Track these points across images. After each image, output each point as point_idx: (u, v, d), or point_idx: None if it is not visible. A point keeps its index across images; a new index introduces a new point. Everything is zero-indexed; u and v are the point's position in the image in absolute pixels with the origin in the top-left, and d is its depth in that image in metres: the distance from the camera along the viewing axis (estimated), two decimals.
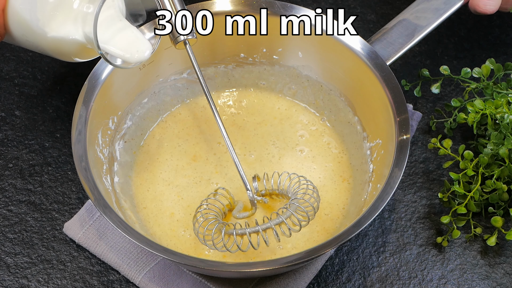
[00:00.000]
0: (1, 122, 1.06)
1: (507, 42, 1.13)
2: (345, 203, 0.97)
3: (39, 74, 1.09)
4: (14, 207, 0.99)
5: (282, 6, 1.00)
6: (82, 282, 0.95)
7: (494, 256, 0.98)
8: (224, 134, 0.92)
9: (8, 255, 0.97)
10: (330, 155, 1.00)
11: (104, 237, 0.96)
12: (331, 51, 1.00)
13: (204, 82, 0.93)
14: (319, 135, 1.02)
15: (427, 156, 1.04)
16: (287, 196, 0.94)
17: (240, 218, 0.93)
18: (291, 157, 1.00)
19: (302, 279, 0.95)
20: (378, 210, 0.87)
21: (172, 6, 0.93)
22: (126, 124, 1.00)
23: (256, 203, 0.93)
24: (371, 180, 0.95)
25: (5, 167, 1.02)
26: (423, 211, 1.00)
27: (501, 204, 0.98)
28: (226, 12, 1.00)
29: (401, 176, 0.89)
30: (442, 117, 1.07)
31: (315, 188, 0.92)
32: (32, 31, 0.89)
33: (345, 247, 0.98)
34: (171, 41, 0.94)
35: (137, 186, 0.98)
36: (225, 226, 0.90)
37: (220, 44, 1.02)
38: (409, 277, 0.96)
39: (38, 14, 0.88)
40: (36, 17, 0.88)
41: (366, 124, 0.99)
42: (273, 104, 1.05)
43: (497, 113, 0.97)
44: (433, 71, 1.10)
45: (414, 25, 0.99)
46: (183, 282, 0.94)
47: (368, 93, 0.98)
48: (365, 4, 1.17)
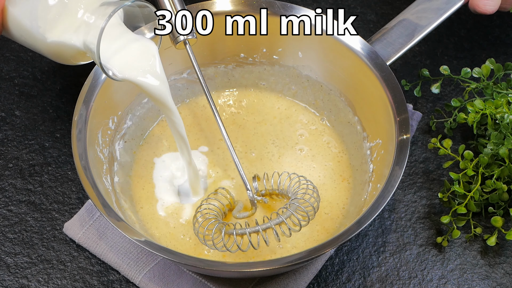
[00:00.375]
0: (1, 122, 1.06)
1: (507, 42, 1.13)
2: (345, 202, 0.97)
3: (39, 74, 1.10)
4: (14, 207, 0.99)
5: (282, 6, 1.00)
6: (82, 282, 0.95)
7: (494, 256, 0.98)
8: (224, 134, 0.92)
9: (8, 255, 0.97)
10: (329, 154, 1.01)
11: (104, 237, 0.96)
12: (331, 51, 1.00)
13: (204, 81, 0.93)
14: (319, 134, 1.02)
15: (427, 156, 1.04)
16: (287, 196, 0.94)
17: (240, 218, 0.93)
18: (290, 156, 1.00)
19: (302, 279, 0.95)
20: (378, 210, 0.87)
21: (172, 6, 0.93)
22: (126, 124, 1.00)
23: (256, 203, 0.93)
24: (371, 180, 0.95)
25: (5, 167, 1.02)
26: (423, 211, 1.00)
27: (501, 204, 0.98)
28: (226, 12, 1.00)
29: (401, 176, 0.89)
30: (442, 117, 1.07)
31: (315, 188, 0.92)
32: (32, 35, 0.88)
33: (345, 247, 0.98)
34: (171, 41, 0.94)
35: (137, 186, 0.98)
36: (225, 226, 0.90)
37: (220, 44, 1.02)
38: (409, 277, 0.96)
39: (39, 22, 0.87)
40: (36, 24, 0.87)
41: (366, 124, 0.99)
42: (273, 104, 1.05)
43: (497, 113, 0.97)
44: (433, 71, 1.10)
45: (414, 25, 0.99)
46: (183, 282, 0.94)
47: (368, 93, 0.98)
48: (365, 4, 1.17)
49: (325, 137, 1.02)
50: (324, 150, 1.01)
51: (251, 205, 0.93)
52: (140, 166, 1.00)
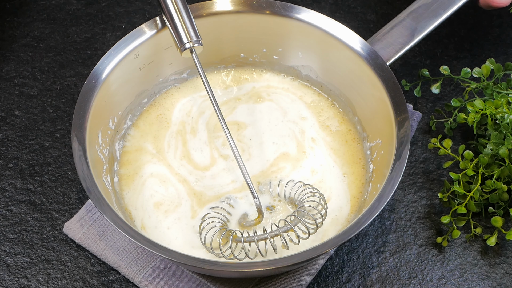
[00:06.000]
0: (1, 122, 1.06)
1: (507, 42, 1.13)
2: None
3: (39, 74, 1.10)
4: (14, 207, 0.99)
5: (282, 6, 1.00)
6: (82, 282, 0.95)
7: (494, 256, 0.98)
8: (230, 141, 0.92)
9: (8, 255, 0.97)
10: (329, 154, 1.00)
11: (104, 237, 0.96)
12: (331, 51, 1.00)
13: (210, 89, 0.93)
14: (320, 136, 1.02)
15: (427, 156, 1.04)
16: (294, 204, 0.94)
17: (247, 226, 0.93)
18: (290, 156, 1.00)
19: (302, 279, 0.95)
20: (378, 210, 0.87)
21: (176, 9, 0.94)
22: (126, 124, 1.00)
23: (263, 211, 0.93)
24: (371, 180, 0.95)
25: (5, 167, 1.02)
26: (423, 211, 1.00)
27: (501, 204, 0.98)
28: (226, 12, 1.00)
29: (401, 176, 0.89)
30: (442, 117, 1.07)
31: (322, 196, 0.92)
32: None
33: (345, 247, 0.98)
34: (177, 49, 0.94)
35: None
36: (232, 233, 0.90)
37: (220, 44, 1.02)
38: (409, 277, 0.96)
39: None
40: None
41: (366, 124, 0.99)
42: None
43: (497, 113, 0.97)
44: (433, 71, 1.10)
45: (414, 25, 0.99)
46: (183, 282, 0.94)
47: (368, 93, 0.98)
48: (365, 4, 1.17)
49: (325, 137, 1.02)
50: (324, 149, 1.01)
51: (258, 213, 0.93)
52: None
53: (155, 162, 0.98)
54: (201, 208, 0.95)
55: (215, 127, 1.01)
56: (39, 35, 1.13)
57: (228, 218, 0.94)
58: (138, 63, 0.98)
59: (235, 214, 0.94)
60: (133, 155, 0.98)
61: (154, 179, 0.97)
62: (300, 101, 1.03)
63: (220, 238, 0.90)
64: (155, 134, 1.00)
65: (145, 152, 0.99)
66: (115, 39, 1.12)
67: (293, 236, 0.91)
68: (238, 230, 0.92)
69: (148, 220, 0.94)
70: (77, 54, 1.11)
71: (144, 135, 1.00)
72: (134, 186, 0.96)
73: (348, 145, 1.00)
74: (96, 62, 0.96)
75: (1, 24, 1.13)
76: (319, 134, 1.01)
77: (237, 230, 0.92)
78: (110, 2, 1.16)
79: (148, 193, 0.96)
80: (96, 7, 1.15)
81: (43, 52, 1.11)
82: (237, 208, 0.95)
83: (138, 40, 0.97)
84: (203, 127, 1.01)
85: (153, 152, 0.99)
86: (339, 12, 1.16)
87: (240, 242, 0.89)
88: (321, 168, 0.98)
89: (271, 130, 1.01)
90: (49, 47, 1.12)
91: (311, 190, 0.93)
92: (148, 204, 0.95)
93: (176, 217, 0.94)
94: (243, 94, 1.04)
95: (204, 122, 1.01)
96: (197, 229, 0.93)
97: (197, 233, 0.93)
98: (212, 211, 0.93)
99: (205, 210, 0.94)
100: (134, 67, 0.98)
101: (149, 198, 0.95)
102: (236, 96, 1.03)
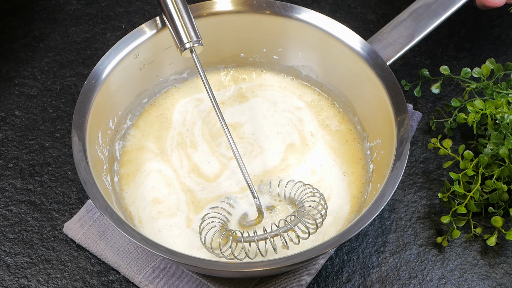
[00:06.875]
0: (1, 122, 1.06)
1: (507, 42, 1.13)
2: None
3: (39, 74, 1.10)
4: (14, 207, 0.99)
5: (282, 6, 1.00)
6: (82, 282, 0.95)
7: (494, 256, 0.98)
8: (231, 143, 0.92)
9: (8, 255, 0.96)
10: (329, 154, 1.00)
11: (104, 237, 0.96)
12: (331, 51, 1.00)
13: (210, 89, 0.93)
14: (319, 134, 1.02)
15: (427, 156, 1.04)
16: (294, 204, 0.94)
17: (247, 226, 0.93)
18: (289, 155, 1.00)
19: (302, 279, 0.95)
20: (378, 210, 0.87)
21: (176, 9, 0.94)
22: (126, 124, 1.00)
23: (263, 211, 0.93)
24: (371, 180, 0.95)
25: (5, 167, 1.02)
26: (423, 211, 1.00)
27: (501, 204, 0.98)
28: (226, 12, 1.00)
29: (401, 176, 0.89)
30: (442, 117, 1.07)
31: (322, 196, 0.92)
32: None
33: (345, 247, 0.98)
34: (177, 49, 0.94)
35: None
36: (232, 233, 0.90)
37: (220, 44, 1.02)
38: (409, 277, 0.96)
39: None
40: None
41: (366, 124, 0.99)
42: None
43: (497, 113, 0.97)
44: (433, 71, 1.10)
45: (414, 25, 0.99)
46: (183, 282, 0.94)
47: (368, 93, 0.98)
48: (365, 4, 1.17)
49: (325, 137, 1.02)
50: (324, 149, 1.01)
51: (258, 213, 0.93)
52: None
53: (158, 161, 0.98)
54: (197, 215, 0.95)
55: (217, 134, 1.00)
56: (39, 35, 1.13)
57: (228, 218, 0.94)
58: (138, 63, 0.98)
59: (235, 214, 0.95)
60: (134, 154, 0.98)
61: (158, 177, 0.97)
62: (298, 99, 1.03)
63: (220, 238, 0.90)
64: (157, 134, 1.00)
65: (147, 151, 0.99)
66: (115, 39, 1.12)
67: (293, 236, 0.91)
68: (238, 230, 0.92)
69: (143, 212, 0.94)
70: (77, 54, 1.11)
71: (146, 135, 1.00)
72: (135, 182, 0.96)
73: (348, 145, 1.00)
74: (96, 62, 0.96)
75: (1, 24, 1.13)
76: (319, 132, 1.01)
77: (237, 230, 0.92)
78: (110, 2, 1.16)
79: (150, 185, 0.96)
80: (96, 7, 1.15)
81: (43, 52, 1.11)
82: (237, 208, 0.95)
83: (138, 40, 0.97)
84: (200, 139, 1.00)
85: (156, 151, 0.99)
86: (339, 12, 1.16)
87: (240, 242, 0.89)
88: (321, 168, 0.98)
89: (269, 122, 1.01)
90: (49, 47, 1.12)
91: (311, 190, 0.93)
92: (148, 195, 0.95)
93: (168, 224, 0.94)
94: (243, 94, 1.04)
95: (204, 131, 1.01)
96: (196, 229, 0.93)
97: (197, 233, 0.93)
98: (212, 211, 0.93)
99: (202, 214, 0.94)
100: (134, 67, 0.98)
101: (150, 190, 0.95)
102: (235, 96, 1.03)
